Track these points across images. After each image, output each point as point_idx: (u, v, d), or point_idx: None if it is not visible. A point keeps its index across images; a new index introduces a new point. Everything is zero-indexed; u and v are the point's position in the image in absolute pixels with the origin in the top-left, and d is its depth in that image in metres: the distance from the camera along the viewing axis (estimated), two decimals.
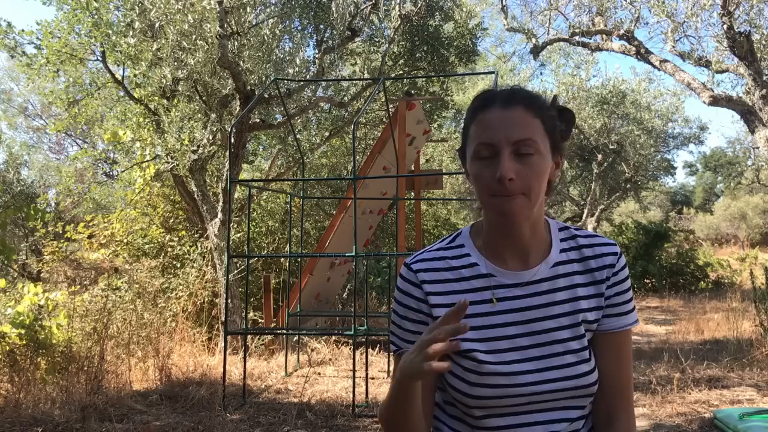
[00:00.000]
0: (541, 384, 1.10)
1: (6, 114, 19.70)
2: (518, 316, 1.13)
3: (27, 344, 4.91)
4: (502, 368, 1.10)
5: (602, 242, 1.18)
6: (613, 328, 1.16)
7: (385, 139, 7.18)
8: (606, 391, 1.15)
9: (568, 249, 1.18)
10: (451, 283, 1.15)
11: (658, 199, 34.00)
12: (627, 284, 1.18)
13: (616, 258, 1.17)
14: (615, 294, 1.16)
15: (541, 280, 1.14)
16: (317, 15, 7.49)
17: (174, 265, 8.00)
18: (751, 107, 7.77)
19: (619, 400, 1.16)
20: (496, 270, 1.15)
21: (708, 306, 10.63)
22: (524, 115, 1.07)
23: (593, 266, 1.16)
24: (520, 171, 1.05)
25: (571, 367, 1.11)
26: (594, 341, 1.16)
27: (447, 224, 14.22)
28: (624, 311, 1.17)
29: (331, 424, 4.29)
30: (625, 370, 1.17)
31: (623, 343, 1.17)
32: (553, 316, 1.13)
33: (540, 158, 1.07)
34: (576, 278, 1.16)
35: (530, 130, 1.07)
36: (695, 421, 4.08)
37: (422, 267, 1.17)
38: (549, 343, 1.12)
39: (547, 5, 10.81)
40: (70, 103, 8.05)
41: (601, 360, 1.15)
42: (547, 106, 1.12)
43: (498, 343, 1.12)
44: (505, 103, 1.08)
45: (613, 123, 15.45)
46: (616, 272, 1.16)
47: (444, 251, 1.19)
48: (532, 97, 1.10)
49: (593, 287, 1.15)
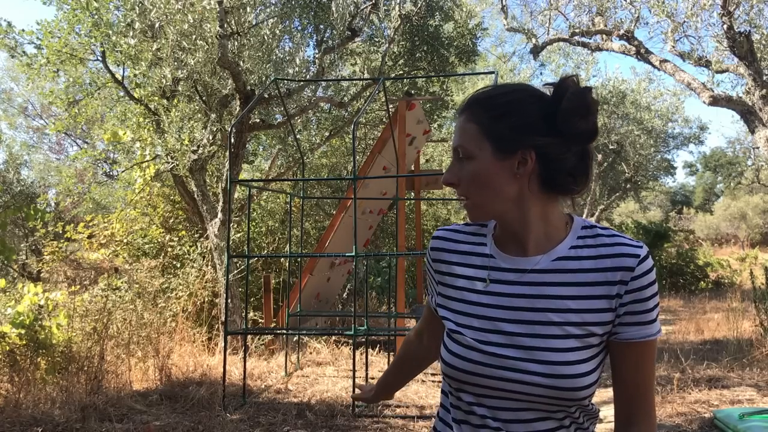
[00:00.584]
0: (519, 373, 1.08)
1: (6, 114, 19.70)
2: (506, 301, 1.12)
3: (27, 344, 4.91)
4: (483, 347, 1.11)
5: (625, 242, 1.11)
6: (632, 338, 1.09)
7: (385, 139, 7.18)
8: (625, 398, 1.13)
9: (582, 246, 1.13)
10: (455, 254, 1.24)
11: (658, 199, 34.03)
12: (650, 291, 1.09)
13: (637, 261, 1.08)
14: (633, 301, 1.08)
15: (539, 271, 1.12)
16: (317, 15, 7.49)
17: (174, 265, 8.00)
18: (751, 107, 7.77)
19: (638, 409, 1.13)
20: (498, 253, 1.18)
21: (708, 306, 10.63)
22: (465, 122, 1.14)
23: (608, 266, 1.10)
24: (461, 176, 1.14)
25: (552, 365, 1.07)
26: (612, 349, 1.12)
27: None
28: (644, 321, 1.09)
29: (331, 424, 4.29)
30: (644, 379, 1.12)
31: (643, 353, 1.11)
32: (542, 309, 1.10)
33: (473, 163, 1.11)
34: (581, 276, 1.11)
35: (464, 137, 1.13)
36: (695, 421, 4.08)
37: (439, 235, 1.29)
38: (533, 335, 1.09)
39: (547, 5, 10.81)
40: (70, 103, 8.05)
41: (619, 368, 1.12)
42: (496, 107, 1.10)
43: (483, 322, 1.13)
44: (459, 111, 1.17)
45: (613, 123, 15.46)
46: (636, 277, 1.08)
47: (468, 227, 1.27)
48: (475, 103, 1.14)
49: (602, 288, 1.09)
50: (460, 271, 1.21)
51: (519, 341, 1.10)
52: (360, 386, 1.70)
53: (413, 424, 4.28)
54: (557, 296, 1.11)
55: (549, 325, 1.10)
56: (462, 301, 1.18)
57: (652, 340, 1.10)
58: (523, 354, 1.09)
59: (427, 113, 9.14)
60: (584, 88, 1.09)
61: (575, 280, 1.11)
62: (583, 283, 1.11)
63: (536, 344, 1.09)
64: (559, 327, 1.09)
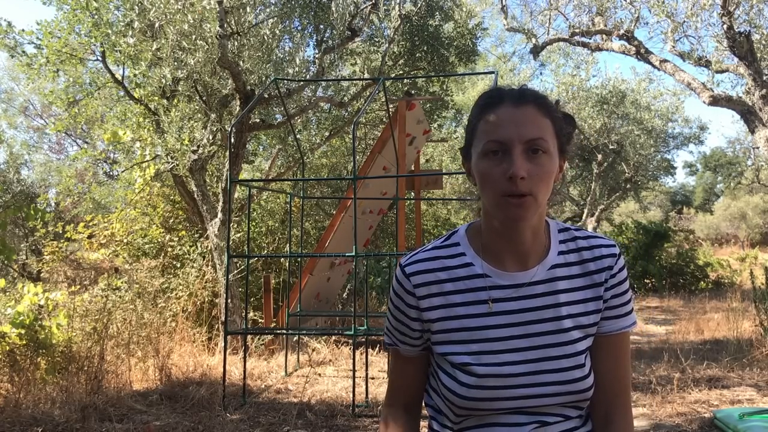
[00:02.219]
0: (534, 387, 1.09)
1: (6, 114, 19.70)
2: (513, 318, 1.11)
3: (27, 344, 4.91)
4: (496, 370, 1.09)
5: (601, 244, 1.16)
6: (610, 330, 1.15)
7: (385, 139, 7.17)
8: (604, 392, 1.15)
9: (566, 251, 1.16)
10: (445, 284, 1.14)
11: (658, 199, 33.98)
12: (625, 286, 1.16)
13: (615, 260, 1.15)
14: (612, 296, 1.14)
15: (538, 282, 1.13)
16: (317, 15, 7.49)
17: (174, 265, 8.00)
18: (751, 107, 7.77)
19: (617, 402, 1.16)
20: (492, 271, 1.13)
21: (708, 306, 10.63)
22: (536, 114, 1.06)
23: (592, 269, 1.14)
24: (530, 170, 1.03)
25: (565, 372, 1.09)
26: (592, 343, 1.15)
27: (447, 224, 14.22)
28: (622, 313, 1.15)
29: (331, 424, 4.29)
30: (623, 372, 1.16)
31: (621, 345, 1.16)
32: (549, 319, 1.12)
33: (549, 158, 1.06)
34: (573, 281, 1.14)
35: (542, 129, 1.05)
36: (695, 421, 4.08)
37: (415, 269, 1.15)
38: (543, 346, 1.11)
39: (547, 5, 10.81)
40: (70, 103, 8.05)
41: (599, 362, 1.14)
42: (555, 108, 1.11)
43: (492, 344, 1.11)
44: (516, 101, 1.07)
45: (613, 123, 15.45)
46: (614, 274, 1.14)
47: (439, 250, 1.17)
48: (542, 97, 1.09)
49: (591, 290, 1.14)
50: (457, 298, 1.13)
51: (530, 355, 1.10)
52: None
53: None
54: (558, 304, 1.13)
55: (558, 333, 1.12)
56: (465, 330, 1.12)
57: (629, 332, 1.17)
58: (535, 367, 1.10)
59: (427, 113, 9.13)
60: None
61: (569, 286, 1.14)
62: (575, 289, 1.14)
63: (547, 354, 1.10)
64: (566, 333, 1.12)
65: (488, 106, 1.09)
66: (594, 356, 1.15)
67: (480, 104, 1.11)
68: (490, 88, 1.14)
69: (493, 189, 1.05)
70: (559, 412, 1.12)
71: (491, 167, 1.05)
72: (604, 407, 1.16)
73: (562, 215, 21.13)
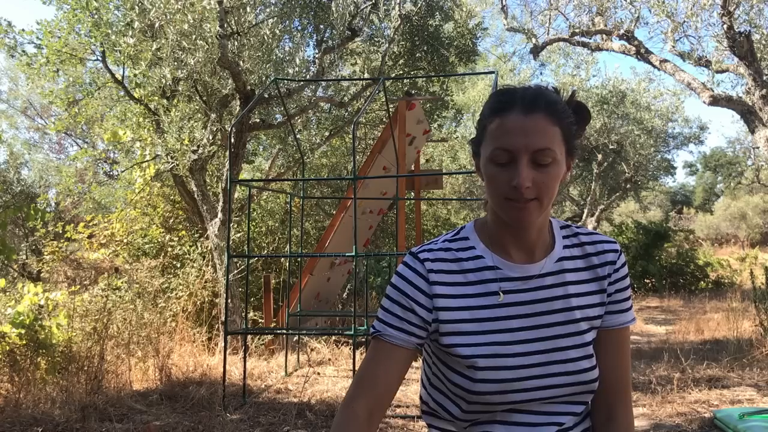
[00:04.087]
0: (544, 378, 1.10)
1: (6, 114, 19.70)
2: (523, 310, 1.13)
3: (27, 344, 4.91)
4: (506, 361, 1.09)
5: (603, 239, 1.20)
6: (613, 324, 1.17)
7: (385, 139, 7.17)
8: (606, 388, 1.16)
9: (570, 246, 1.18)
10: (456, 275, 1.14)
11: (658, 199, 34.00)
12: (627, 282, 1.20)
13: (617, 255, 1.18)
14: (616, 291, 1.17)
15: (547, 274, 1.14)
16: (317, 15, 7.49)
17: (174, 265, 8.00)
18: (751, 107, 7.77)
19: (619, 398, 1.17)
20: (502, 263, 1.14)
21: (708, 306, 10.63)
22: (545, 124, 1.05)
23: (596, 263, 1.17)
24: (535, 178, 1.04)
25: (574, 362, 1.11)
26: (595, 338, 1.17)
27: (447, 224, 14.22)
28: (624, 308, 1.18)
29: (331, 424, 4.28)
30: (624, 368, 1.18)
31: (623, 340, 1.18)
32: (558, 310, 1.13)
33: (556, 166, 1.06)
34: (579, 274, 1.17)
35: (549, 139, 1.04)
36: (695, 421, 4.08)
37: (430, 257, 1.15)
38: (553, 337, 1.12)
39: (547, 5, 10.81)
40: (70, 103, 8.04)
41: (602, 357, 1.16)
42: (567, 111, 1.10)
43: (503, 335, 1.11)
44: (527, 109, 1.04)
45: (613, 123, 15.45)
46: (617, 269, 1.18)
47: (450, 243, 1.18)
48: (554, 103, 1.07)
49: (596, 283, 1.17)
50: (468, 290, 1.13)
51: (540, 346, 1.11)
52: None
53: (413, 424, 4.28)
54: (566, 295, 1.14)
55: (567, 324, 1.13)
56: (476, 321, 1.12)
57: (629, 327, 1.20)
58: (545, 358, 1.11)
59: (427, 113, 9.13)
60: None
61: (576, 278, 1.16)
62: (581, 281, 1.16)
63: (557, 345, 1.12)
64: (575, 324, 1.14)
65: (499, 110, 1.07)
66: (597, 351, 1.16)
67: (491, 105, 1.09)
68: (503, 87, 1.10)
69: (497, 193, 1.06)
70: (567, 411, 1.13)
71: (498, 173, 1.06)
72: (606, 404, 1.17)
73: (562, 215, 21.13)
